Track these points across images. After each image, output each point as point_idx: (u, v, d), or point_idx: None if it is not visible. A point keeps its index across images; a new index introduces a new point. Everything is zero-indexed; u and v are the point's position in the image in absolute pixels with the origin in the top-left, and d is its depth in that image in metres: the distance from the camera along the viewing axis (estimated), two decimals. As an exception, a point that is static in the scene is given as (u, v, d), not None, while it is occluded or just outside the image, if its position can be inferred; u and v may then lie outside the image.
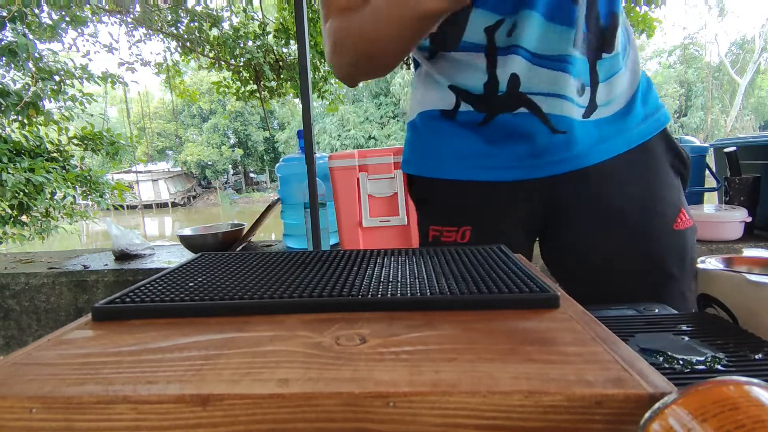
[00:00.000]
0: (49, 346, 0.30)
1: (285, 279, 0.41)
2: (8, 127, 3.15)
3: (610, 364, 0.24)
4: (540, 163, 0.64)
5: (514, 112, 0.62)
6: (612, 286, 0.64)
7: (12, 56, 3.02)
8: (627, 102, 0.65)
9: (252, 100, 5.58)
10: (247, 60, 5.10)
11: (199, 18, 5.02)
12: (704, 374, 0.29)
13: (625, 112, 0.65)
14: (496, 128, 0.64)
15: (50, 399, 0.23)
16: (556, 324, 0.31)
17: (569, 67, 0.59)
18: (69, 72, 3.52)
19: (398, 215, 1.49)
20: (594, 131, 0.63)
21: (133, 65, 5.22)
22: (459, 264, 0.44)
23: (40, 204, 3.06)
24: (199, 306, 0.35)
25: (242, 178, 26.43)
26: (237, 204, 23.07)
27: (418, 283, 0.38)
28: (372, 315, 0.33)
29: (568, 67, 0.59)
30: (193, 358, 0.27)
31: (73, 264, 1.72)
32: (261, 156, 24.60)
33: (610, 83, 0.62)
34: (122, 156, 3.73)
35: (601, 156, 0.63)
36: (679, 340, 0.35)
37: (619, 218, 0.63)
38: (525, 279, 0.38)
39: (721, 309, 0.42)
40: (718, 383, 0.17)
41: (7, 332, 1.65)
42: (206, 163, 23.64)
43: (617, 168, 0.64)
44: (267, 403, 0.22)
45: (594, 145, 0.63)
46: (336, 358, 0.26)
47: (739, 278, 0.41)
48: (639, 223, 0.63)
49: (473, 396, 0.22)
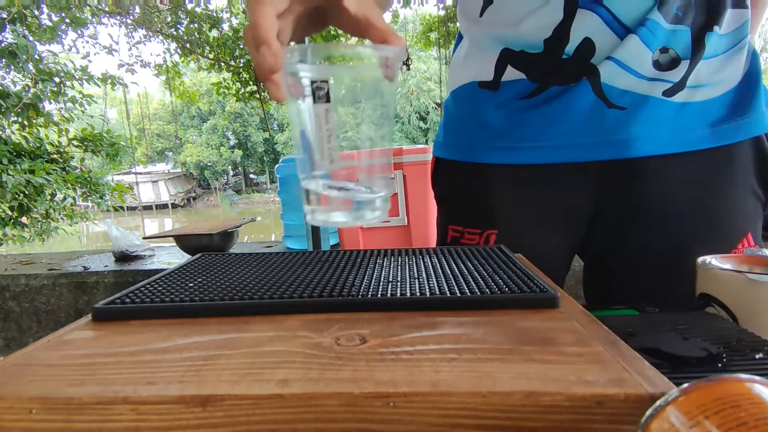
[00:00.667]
0: (49, 347, 0.29)
1: (285, 279, 0.41)
2: (8, 129, 3.15)
3: (610, 364, 0.24)
4: (586, 143, 0.55)
5: (572, 84, 0.54)
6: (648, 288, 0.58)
7: (12, 58, 3.02)
8: (729, 91, 0.54)
9: (252, 101, 5.59)
10: (247, 61, 5.11)
11: (198, 19, 5.03)
12: (705, 373, 0.29)
13: (722, 103, 0.54)
14: (544, 102, 0.56)
15: (50, 399, 0.23)
16: (556, 324, 0.30)
17: (644, 32, 0.51)
18: (69, 73, 3.53)
19: (398, 215, 1.49)
20: (673, 115, 0.54)
21: (133, 66, 5.23)
22: (459, 264, 0.44)
23: (40, 205, 3.07)
24: (199, 306, 0.35)
25: (242, 179, 26.44)
26: (237, 205, 23.07)
27: (418, 283, 0.38)
28: (372, 315, 0.33)
29: (642, 32, 0.51)
30: (193, 359, 0.27)
31: (73, 265, 1.72)
32: (261, 157, 24.60)
33: (719, 62, 0.53)
34: (122, 157, 3.73)
35: (674, 147, 0.54)
36: (679, 339, 0.35)
37: (672, 228, 0.55)
38: (525, 279, 0.38)
39: (721, 308, 0.42)
40: (719, 381, 0.17)
41: (8, 333, 1.65)
42: (206, 164, 23.65)
43: (689, 166, 0.54)
44: (267, 403, 0.22)
45: (669, 132, 0.54)
46: (336, 359, 0.26)
47: (740, 277, 0.40)
48: (694, 237, 0.55)
49: (473, 396, 0.22)
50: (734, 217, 0.55)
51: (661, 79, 0.53)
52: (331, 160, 0.36)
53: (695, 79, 0.53)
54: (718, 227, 0.55)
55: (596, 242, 0.62)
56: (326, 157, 0.36)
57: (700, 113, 0.54)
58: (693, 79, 0.53)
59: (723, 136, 0.54)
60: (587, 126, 0.55)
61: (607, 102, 0.54)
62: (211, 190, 25.44)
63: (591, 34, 0.52)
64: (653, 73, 0.52)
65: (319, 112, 0.35)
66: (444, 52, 7.38)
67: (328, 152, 0.36)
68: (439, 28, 6.49)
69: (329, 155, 0.36)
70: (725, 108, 0.54)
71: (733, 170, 0.55)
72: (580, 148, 0.56)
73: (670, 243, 0.56)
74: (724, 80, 0.54)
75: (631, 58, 0.52)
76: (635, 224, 0.58)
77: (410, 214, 1.50)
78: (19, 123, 3.17)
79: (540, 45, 0.54)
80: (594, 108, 0.54)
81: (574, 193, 0.59)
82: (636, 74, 0.52)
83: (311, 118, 0.35)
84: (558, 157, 0.57)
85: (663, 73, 0.52)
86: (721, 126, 0.54)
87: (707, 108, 0.54)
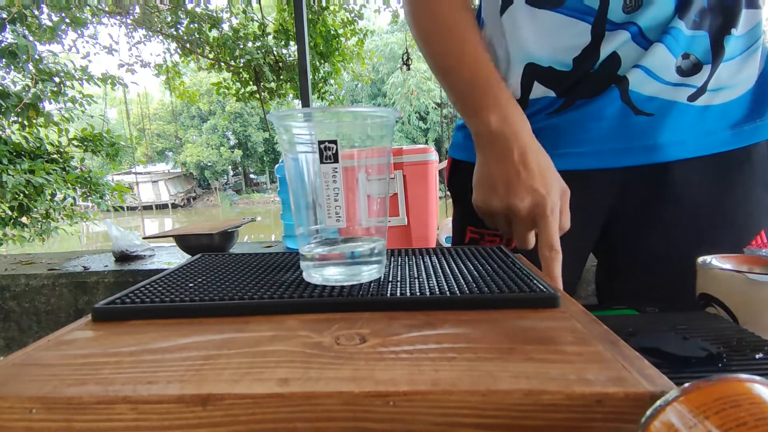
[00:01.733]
0: (49, 347, 0.30)
1: (285, 279, 0.41)
2: (8, 129, 3.15)
3: (610, 363, 0.24)
4: (614, 149, 0.56)
5: (599, 96, 0.55)
6: (661, 289, 0.58)
7: (12, 58, 3.02)
8: (747, 92, 0.55)
9: (252, 101, 5.59)
10: (247, 61, 5.12)
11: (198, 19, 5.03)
12: (705, 373, 0.29)
13: (741, 104, 0.55)
14: (570, 116, 0.57)
15: (50, 399, 0.23)
16: (556, 323, 0.30)
17: (669, 39, 0.52)
18: (69, 73, 3.53)
19: (398, 215, 1.49)
20: (696, 119, 0.55)
21: (133, 66, 5.23)
22: (459, 264, 0.44)
23: (40, 205, 3.07)
24: (198, 306, 0.35)
25: (242, 179, 26.44)
26: (237, 205, 23.08)
27: (418, 283, 0.38)
28: (372, 315, 0.33)
29: (666, 39, 0.52)
30: (193, 358, 0.27)
31: (73, 265, 1.72)
32: (261, 157, 24.60)
33: (736, 64, 0.54)
34: (122, 157, 3.73)
35: (697, 150, 0.55)
36: (679, 339, 0.35)
37: (690, 228, 0.57)
38: (525, 278, 0.38)
39: (721, 308, 0.42)
40: (719, 380, 0.17)
41: (8, 333, 1.65)
42: (206, 164, 23.65)
43: (708, 168, 0.56)
44: (267, 402, 0.22)
45: (692, 136, 0.55)
46: (336, 358, 0.26)
47: (740, 277, 0.40)
48: (710, 236, 0.56)
49: (473, 395, 0.22)
50: (749, 215, 0.57)
51: (684, 84, 0.54)
52: (338, 219, 0.37)
53: (716, 83, 0.54)
54: (734, 225, 0.57)
55: (613, 243, 0.63)
56: (333, 215, 0.37)
57: (721, 116, 0.55)
58: (714, 83, 0.54)
59: (743, 138, 0.55)
60: (614, 133, 0.56)
61: (635, 109, 0.55)
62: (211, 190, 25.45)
63: (618, 48, 0.54)
64: (677, 78, 0.54)
65: (326, 172, 0.36)
66: (444, 52, 7.36)
67: (335, 210, 0.37)
68: (439, 28, 6.47)
69: (336, 212, 0.37)
70: (744, 109, 0.55)
71: (750, 170, 0.56)
72: (607, 154, 0.57)
73: (688, 243, 0.57)
74: (742, 82, 0.55)
75: (658, 65, 0.53)
76: (653, 225, 0.59)
77: (410, 214, 1.50)
78: (19, 123, 3.17)
79: (570, 63, 0.55)
80: (621, 115, 0.55)
81: (596, 198, 0.60)
82: (661, 81, 0.54)
83: (318, 177, 0.36)
84: (585, 164, 0.58)
85: (686, 78, 0.53)
86: (741, 127, 0.55)
87: (727, 110, 0.55)
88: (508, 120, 0.50)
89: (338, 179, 0.36)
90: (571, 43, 0.55)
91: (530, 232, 0.51)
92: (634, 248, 0.61)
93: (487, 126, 0.51)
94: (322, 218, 0.37)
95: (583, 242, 0.63)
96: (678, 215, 0.58)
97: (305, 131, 0.37)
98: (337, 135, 0.36)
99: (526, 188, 0.49)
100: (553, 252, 0.47)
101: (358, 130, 0.37)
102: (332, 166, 0.36)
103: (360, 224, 0.39)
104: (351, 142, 0.37)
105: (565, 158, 0.57)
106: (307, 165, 0.37)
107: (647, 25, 0.52)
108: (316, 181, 0.37)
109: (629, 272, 0.63)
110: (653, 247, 0.59)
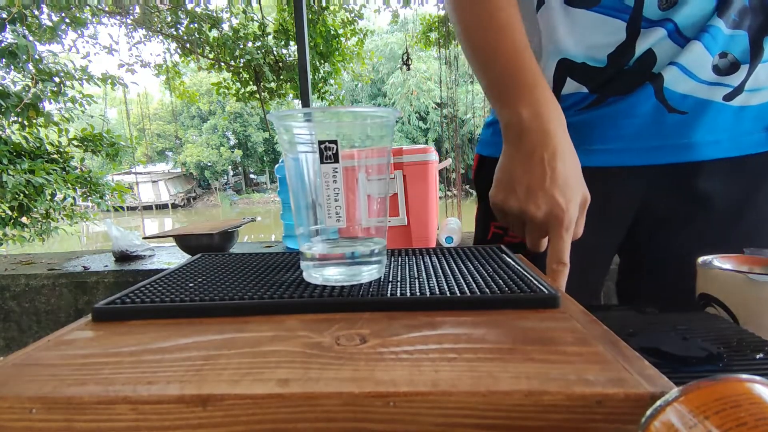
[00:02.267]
0: (49, 347, 0.30)
1: (285, 279, 0.41)
2: (8, 129, 3.15)
3: (610, 364, 0.24)
4: (646, 147, 0.55)
5: (633, 93, 0.54)
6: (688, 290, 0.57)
7: (12, 58, 3.02)
8: None
9: (252, 101, 5.59)
10: (247, 61, 5.12)
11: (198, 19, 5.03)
12: (705, 374, 0.29)
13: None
14: (602, 111, 0.56)
15: (50, 399, 0.23)
16: (557, 324, 0.30)
17: (707, 38, 0.51)
18: (69, 73, 3.53)
19: (398, 215, 1.49)
20: (731, 119, 0.54)
21: (133, 66, 5.23)
22: (459, 264, 0.44)
23: (40, 205, 3.06)
24: (199, 306, 0.35)
25: (242, 179, 26.43)
26: (237, 205, 23.07)
27: (418, 283, 0.38)
28: (372, 315, 0.33)
29: (704, 37, 0.51)
30: (193, 359, 0.27)
31: (73, 265, 1.72)
32: (261, 157, 24.59)
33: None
34: (122, 157, 3.73)
35: (732, 151, 0.54)
36: (679, 339, 0.35)
37: (719, 228, 0.57)
38: (525, 279, 0.38)
39: (721, 308, 0.42)
40: (719, 381, 0.17)
41: (8, 334, 1.65)
42: (206, 164, 23.64)
43: (740, 168, 0.55)
44: (267, 403, 0.22)
45: (727, 136, 0.54)
46: (336, 358, 0.26)
47: (740, 277, 0.40)
48: (737, 236, 0.56)
49: (473, 396, 0.22)
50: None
51: (721, 83, 0.53)
52: (338, 219, 0.37)
53: (754, 83, 0.54)
54: (762, 226, 0.57)
55: (638, 242, 0.63)
56: (333, 216, 0.37)
57: (757, 117, 0.55)
58: (752, 83, 0.53)
59: None
60: (647, 130, 0.55)
61: (668, 106, 0.54)
62: (211, 190, 25.44)
63: (654, 45, 0.53)
64: (713, 77, 0.53)
65: (327, 172, 0.36)
66: (444, 52, 7.38)
67: (335, 210, 0.37)
68: (439, 28, 6.49)
69: (336, 213, 0.37)
70: None
71: None
72: (640, 151, 0.56)
73: (717, 243, 0.55)
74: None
75: (694, 63, 0.52)
76: (683, 225, 0.58)
77: (410, 214, 1.50)
78: (19, 123, 3.16)
79: (604, 60, 0.55)
80: (654, 112, 0.55)
81: (624, 196, 0.59)
82: (697, 79, 0.53)
83: (319, 177, 0.36)
84: (616, 161, 0.57)
85: (722, 77, 0.53)
86: None
87: (763, 111, 0.55)
88: (541, 116, 0.49)
89: (338, 179, 0.36)
90: (606, 40, 0.54)
91: (543, 238, 0.50)
92: (662, 248, 0.61)
93: (518, 118, 0.49)
94: (322, 218, 0.37)
95: (610, 240, 0.63)
96: (708, 216, 0.57)
97: (305, 131, 0.37)
98: (337, 135, 0.36)
99: (546, 197, 0.47)
100: (560, 266, 0.46)
101: (358, 130, 0.37)
102: (332, 166, 0.36)
103: (360, 224, 0.39)
104: (351, 142, 0.37)
105: (595, 154, 0.57)
106: (308, 165, 0.37)
107: (684, 23, 0.52)
108: (317, 181, 0.37)
109: (654, 272, 0.62)
110: (682, 247, 0.58)
